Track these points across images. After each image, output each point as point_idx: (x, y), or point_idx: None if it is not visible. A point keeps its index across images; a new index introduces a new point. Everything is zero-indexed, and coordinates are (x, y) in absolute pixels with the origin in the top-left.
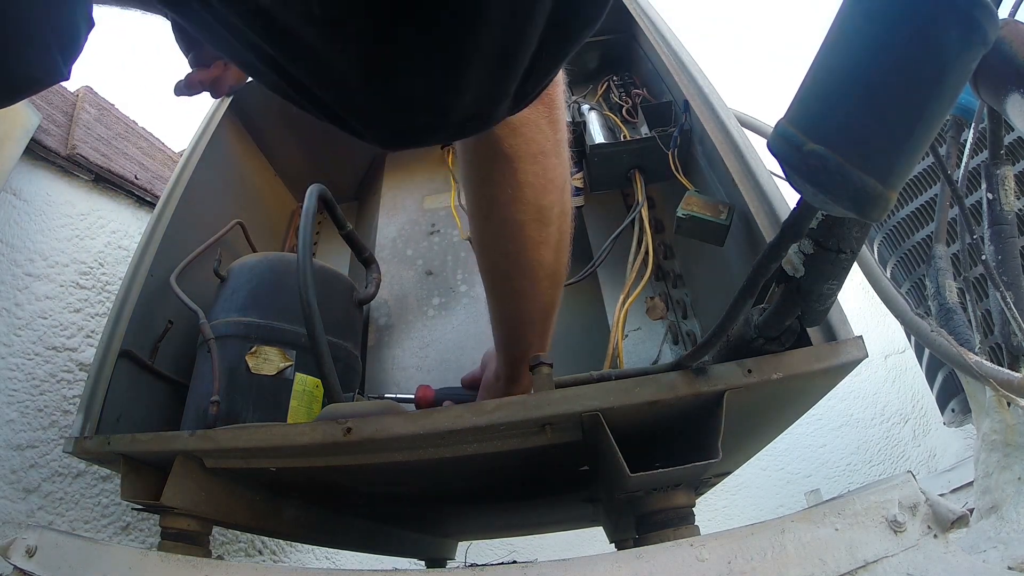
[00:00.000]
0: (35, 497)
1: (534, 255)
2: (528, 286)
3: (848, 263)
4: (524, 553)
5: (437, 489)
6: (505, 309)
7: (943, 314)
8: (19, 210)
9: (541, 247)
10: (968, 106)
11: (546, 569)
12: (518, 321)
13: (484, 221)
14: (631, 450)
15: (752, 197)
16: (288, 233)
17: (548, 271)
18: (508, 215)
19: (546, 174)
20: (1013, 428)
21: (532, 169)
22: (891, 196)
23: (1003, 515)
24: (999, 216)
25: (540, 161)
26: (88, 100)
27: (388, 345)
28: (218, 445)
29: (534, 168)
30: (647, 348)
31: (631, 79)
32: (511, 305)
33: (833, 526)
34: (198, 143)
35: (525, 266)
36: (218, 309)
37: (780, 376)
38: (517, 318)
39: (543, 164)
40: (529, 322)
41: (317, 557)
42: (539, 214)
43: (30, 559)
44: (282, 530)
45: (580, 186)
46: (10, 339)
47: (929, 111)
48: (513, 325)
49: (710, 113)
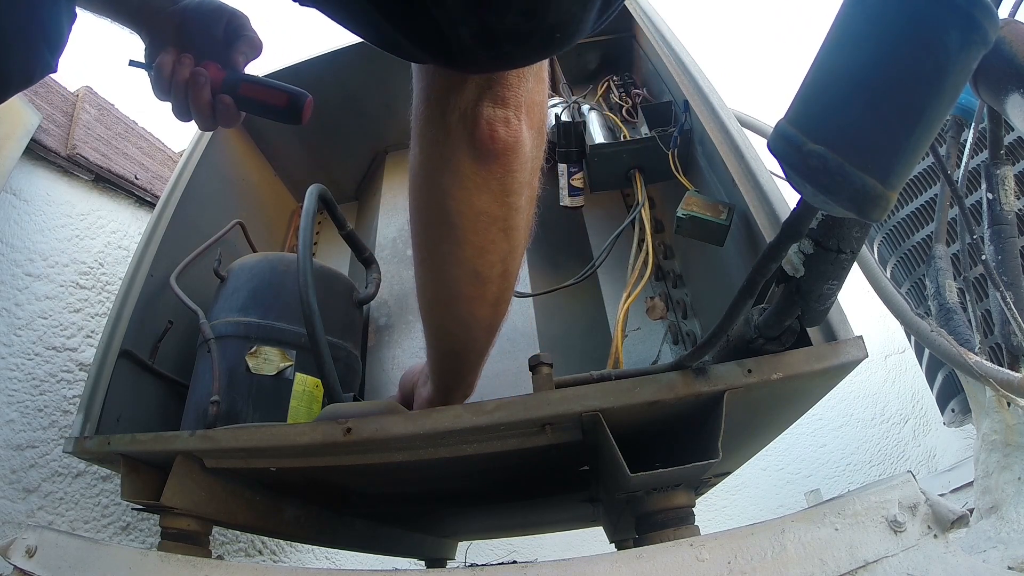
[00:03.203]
0: (35, 497)
1: (467, 308)
2: (461, 333)
3: (848, 263)
4: (524, 553)
5: (437, 489)
6: (440, 344)
7: (943, 314)
8: (19, 210)
9: (475, 303)
10: (968, 106)
11: (546, 569)
12: (451, 357)
13: (421, 266)
14: (631, 450)
15: (752, 197)
16: (288, 233)
17: (483, 323)
18: (444, 269)
19: (486, 238)
20: (1013, 428)
21: (472, 232)
22: (891, 196)
23: (1003, 515)
24: (999, 216)
25: (482, 225)
26: (88, 100)
27: (388, 345)
28: (218, 445)
29: (475, 231)
30: (647, 348)
31: (631, 79)
32: (446, 343)
33: (833, 526)
34: (198, 143)
35: (458, 317)
36: (218, 309)
37: (780, 376)
38: (451, 354)
39: (485, 229)
40: (463, 361)
41: (317, 557)
42: (475, 275)
43: (30, 559)
44: (282, 530)
45: (580, 186)
46: (10, 339)
47: (929, 111)
48: (446, 359)
49: (710, 113)
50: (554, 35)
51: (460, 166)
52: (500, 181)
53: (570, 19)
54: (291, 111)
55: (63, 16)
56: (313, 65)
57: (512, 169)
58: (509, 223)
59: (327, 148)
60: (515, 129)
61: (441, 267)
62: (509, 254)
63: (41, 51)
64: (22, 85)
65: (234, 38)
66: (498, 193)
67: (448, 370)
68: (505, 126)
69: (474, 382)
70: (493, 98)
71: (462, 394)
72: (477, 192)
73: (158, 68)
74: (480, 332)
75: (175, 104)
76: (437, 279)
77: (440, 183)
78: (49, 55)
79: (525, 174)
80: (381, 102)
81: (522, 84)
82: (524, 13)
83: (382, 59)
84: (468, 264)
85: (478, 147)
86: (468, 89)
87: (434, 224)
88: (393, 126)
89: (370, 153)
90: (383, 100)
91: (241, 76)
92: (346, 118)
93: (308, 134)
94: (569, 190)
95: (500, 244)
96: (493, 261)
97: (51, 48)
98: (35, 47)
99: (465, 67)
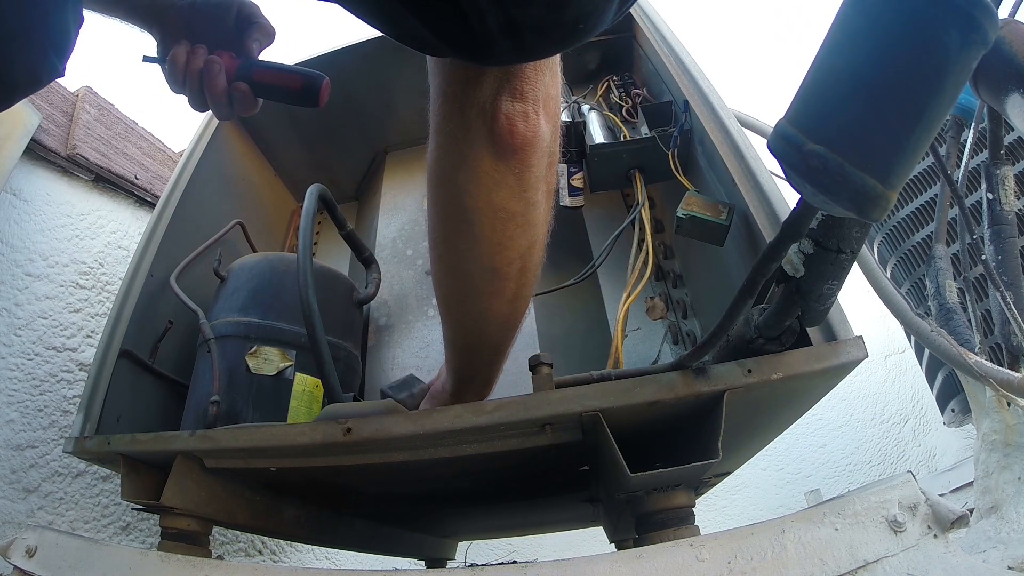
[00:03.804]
0: (35, 497)
1: (484, 304)
2: (478, 328)
3: (848, 263)
4: (524, 553)
5: (437, 489)
6: (455, 338)
7: (943, 314)
8: (19, 210)
9: (493, 298)
10: (968, 106)
11: (546, 569)
12: (467, 351)
13: (437, 262)
14: (631, 450)
15: (752, 197)
16: (288, 233)
17: (499, 319)
18: (460, 265)
19: (504, 234)
20: (1013, 428)
21: (489, 228)
22: (891, 196)
23: (1003, 515)
24: (999, 216)
25: (499, 221)
26: (88, 100)
27: (388, 345)
28: (218, 445)
29: (492, 227)
30: (647, 348)
31: (631, 79)
32: (461, 337)
33: (833, 526)
34: (198, 143)
35: (474, 312)
36: (218, 309)
37: (780, 376)
38: (466, 348)
39: (503, 225)
40: (478, 355)
41: (317, 557)
42: (493, 272)
43: (30, 559)
44: (282, 530)
45: (580, 186)
46: (10, 339)
47: (929, 111)
48: (462, 352)
49: (710, 113)
50: (577, 26)
51: (478, 162)
52: (518, 176)
53: (593, 10)
54: (308, 94)
55: (70, 20)
56: (313, 65)
57: (530, 164)
58: (527, 218)
59: (327, 148)
60: (534, 123)
61: (458, 263)
62: (528, 250)
63: (48, 55)
64: (29, 90)
65: (246, 26)
66: (516, 189)
67: (464, 364)
68: (524, 120)
69: (492, 379)
70: (512, 92)
71: (478, 389)
72: (495, 188)
73: (172, 60)
74: (496, 328)
75: (190, 94)
76: (454, 275)
77: (457, 179)
78: (56, 59)
79: (542, 168)
80: (381, 102)
81: (540, 78)
82: (548, 5)
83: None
84: (486, 260)
85: (497, 142)
86: (486, 84)
87: (451, 220)
88: (393, 126)
89: (370, 153)
90: (383, 100)
91: (255, 63)
92: (346, 118)
93: (308, 134)
94: (569, 190)
95: (518, 240)
96: (512, 258)
97: (58, 52)
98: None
99: (488, 59)
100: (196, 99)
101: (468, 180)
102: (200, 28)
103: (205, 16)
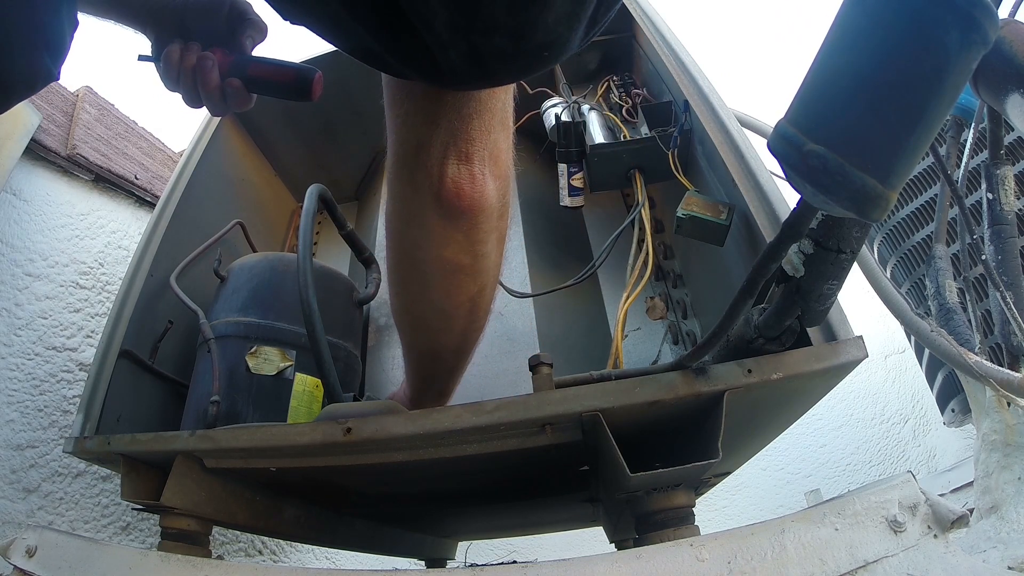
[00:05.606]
0: (35, 497)
1: (436, 337)
2: (432, 353)
3: (848, 263)
4: (524, 553)
5: (437, 489)
6: (411, 359)
7: (943, 314)
8: (19, 210)
9: (443, 334)
10: (968, 106)
11: (546, 569)
12: (423, 370)
13: (393, 298)
14: (631, 450)
15: (752, 197)
16: (288, 233)
17: (451, 348)
18: (413, 305)
19: (453, 283)
20: (1013, 428)
21: (439, 279)
22: (891, 196)
23: (1003, 515)
24: (999, 216)
25: (448, 273)
26: (88, 100)
27: (388, 345)
28: (218, 445)
29: (442, 277)
30: (647, 348)
31: (631, 79)
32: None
33: (833, 526)
34: (198, 143)
35: (427, 342)
36: (218, 309)
37: (780, 376)
38: (421, 368)
39: (452, 276)
40: (432, 374)
41: (317, 557)
42: (443, 312)
43: (30, 559)
44: (282, 530)
45: (580, 186)
46: (10, 339)
47: (929, 111)
48: (418, 370)
49: (710, 113)
50: (541, 54)
51: (427, 221)
52: (466, 234)
53: (556, 39)
54: (300, 88)
55: (65, 23)
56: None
57: (478, 223)
58: (476, 268)
59: (327, 148)
60: (480, 185)
61: (411, 303)
62: (477, 294)
63: (43, 59)
64: (25, 93)
65: (238, 23)
66: (464, 244)
67: (421, 376)
68: (471, 183)
69: (448, 391)
70: (458, 155)
71: (433, 398)
72: (444, 245)
73: (166, 58)
74: (448, 354)
75: (185, 91)
76: (407, 311)
77: (408, 234)
78: (51, 63)
79: (492, 222)
80: (381, 102)
81: (487, 137)
82: (511, 35)
83: None
84: (436, 303)
85: (444, 204)
86: (435, 148)
87: (403, 268)
88: None
89: (370, 153)
90: (383, 100)
91: (248, 58)
92: (346, 118)
93: (308, 134)
94: (569, 190)
95: (467, 287)
96: (461, 301)
97: (53, 56)
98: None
99: (453, 85)
100: (190, 96)
101: (419, 236)
102: (193, 26)
103: (198, 14)
